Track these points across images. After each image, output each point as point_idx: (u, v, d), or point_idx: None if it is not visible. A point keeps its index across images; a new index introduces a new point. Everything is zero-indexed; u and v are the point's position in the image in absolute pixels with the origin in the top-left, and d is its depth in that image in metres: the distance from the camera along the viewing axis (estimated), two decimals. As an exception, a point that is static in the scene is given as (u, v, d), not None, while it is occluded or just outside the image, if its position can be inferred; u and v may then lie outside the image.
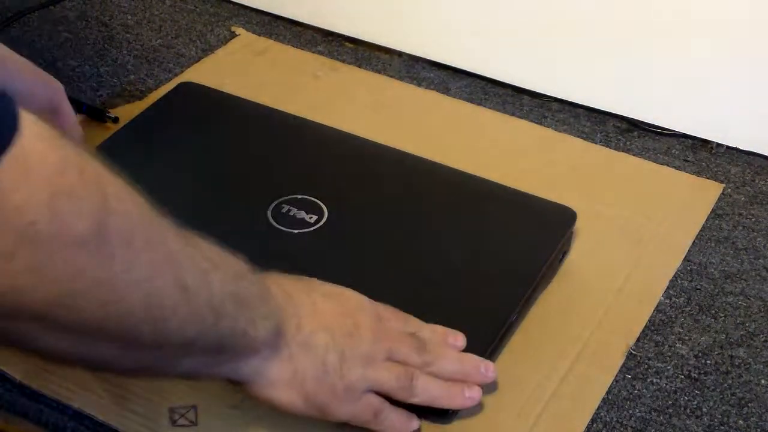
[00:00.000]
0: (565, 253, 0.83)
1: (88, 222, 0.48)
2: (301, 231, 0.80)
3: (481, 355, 0.71)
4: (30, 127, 0.46)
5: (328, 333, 0.64)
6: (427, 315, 0.72)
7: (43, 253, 0.47)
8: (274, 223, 0.80)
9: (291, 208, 0.81)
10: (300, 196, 0.82)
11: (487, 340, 0.73)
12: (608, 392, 0.74)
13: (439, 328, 0.71)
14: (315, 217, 0.81)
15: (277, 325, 0.62)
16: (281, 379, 0.62)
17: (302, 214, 0.81)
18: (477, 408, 0.71)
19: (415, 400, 0.67)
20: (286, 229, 0.80)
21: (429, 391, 0.67)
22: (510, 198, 0.84)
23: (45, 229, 0.46)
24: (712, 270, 0.85)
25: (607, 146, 0.98)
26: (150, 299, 0.52)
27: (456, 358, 0.69)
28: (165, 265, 0.53)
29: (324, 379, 0.63)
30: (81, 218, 0.48)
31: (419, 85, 1.05)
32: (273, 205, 0.81)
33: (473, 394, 0.69)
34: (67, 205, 0.47)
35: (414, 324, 0.70)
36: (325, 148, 0.90)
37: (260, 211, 0.81)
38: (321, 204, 0.82)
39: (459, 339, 0.70)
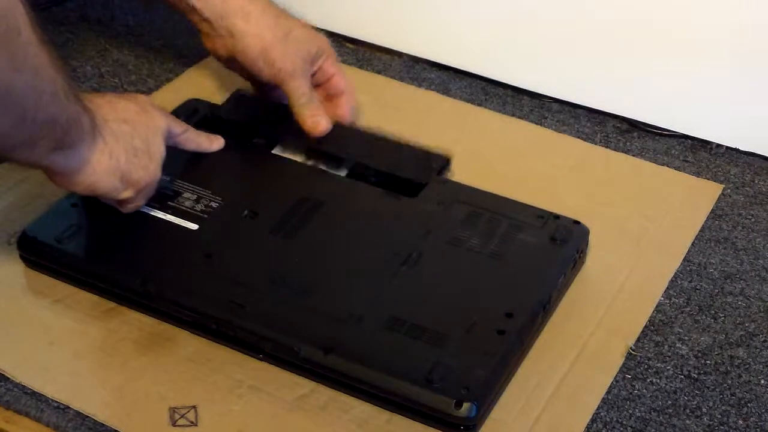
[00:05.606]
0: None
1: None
2: None
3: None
4: None
5: (128, 124, 0.78)
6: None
7: None
8: None
9: None
10: None
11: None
12: (608, 392, 0.74)
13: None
14: None
15: (92, 117, 0.74)
16: (101, 165, 0.75)
17: None
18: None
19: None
20: None
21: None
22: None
23: None
24: (712, 270, 0.85)
25: (607, 147, 0.98)
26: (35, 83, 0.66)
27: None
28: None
29: (135, 161, 0.78)
30: None
31: (420, 85, 1.06)
32: None
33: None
34: None
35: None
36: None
37: None
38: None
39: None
